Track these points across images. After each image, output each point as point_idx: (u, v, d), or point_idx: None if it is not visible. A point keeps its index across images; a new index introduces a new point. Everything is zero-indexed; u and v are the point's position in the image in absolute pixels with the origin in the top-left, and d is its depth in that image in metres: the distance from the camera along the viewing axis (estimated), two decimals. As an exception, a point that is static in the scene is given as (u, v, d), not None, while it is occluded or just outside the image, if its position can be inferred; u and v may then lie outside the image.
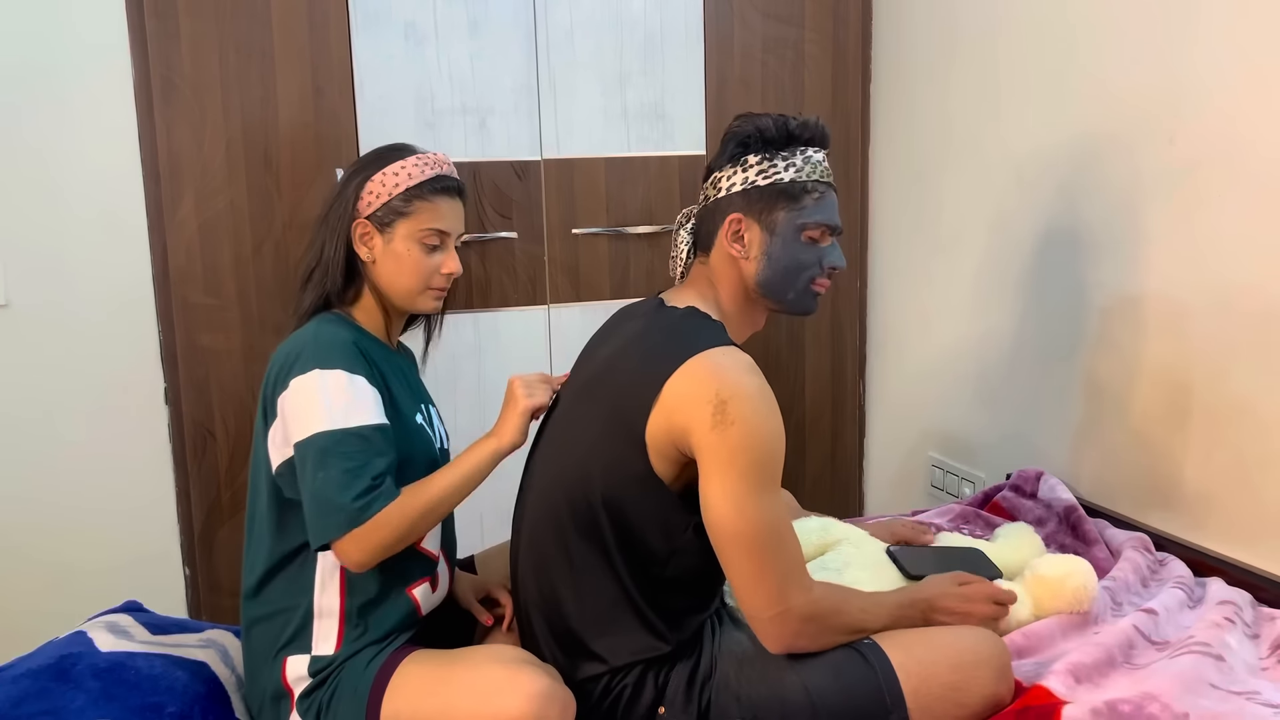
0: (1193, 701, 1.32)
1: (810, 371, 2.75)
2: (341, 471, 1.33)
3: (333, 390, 1.36)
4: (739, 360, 1.33)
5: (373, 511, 1.33)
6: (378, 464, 1.36)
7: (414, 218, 1.48)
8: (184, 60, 2.17)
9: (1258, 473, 1.68)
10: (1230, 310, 1.71)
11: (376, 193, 1.48)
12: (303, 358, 1.38)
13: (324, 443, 1.34)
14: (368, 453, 1.35)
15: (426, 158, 1.51)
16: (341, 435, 1.34)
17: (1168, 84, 1.80)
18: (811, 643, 1.35)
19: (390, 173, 1.49)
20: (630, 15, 2.45)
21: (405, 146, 1.54)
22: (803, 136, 1.45)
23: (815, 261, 1.45)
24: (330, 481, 1.33)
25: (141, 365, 2.25)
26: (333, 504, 1.32)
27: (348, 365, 1.39)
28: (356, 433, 1.35)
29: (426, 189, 1.49)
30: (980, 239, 2.31)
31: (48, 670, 1.37)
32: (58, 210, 2.16)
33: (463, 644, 1.53)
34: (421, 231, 1.48)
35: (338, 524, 1.32)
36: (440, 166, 1.52)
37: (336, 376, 1.37)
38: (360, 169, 1.52)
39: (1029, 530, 1.82)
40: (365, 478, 1.33)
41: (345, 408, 1.36)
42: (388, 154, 1.52)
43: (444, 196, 1.51)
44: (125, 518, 2.27)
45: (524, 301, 2.48)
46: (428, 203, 1.49)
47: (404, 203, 1.48)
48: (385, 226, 1.49)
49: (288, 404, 1.38)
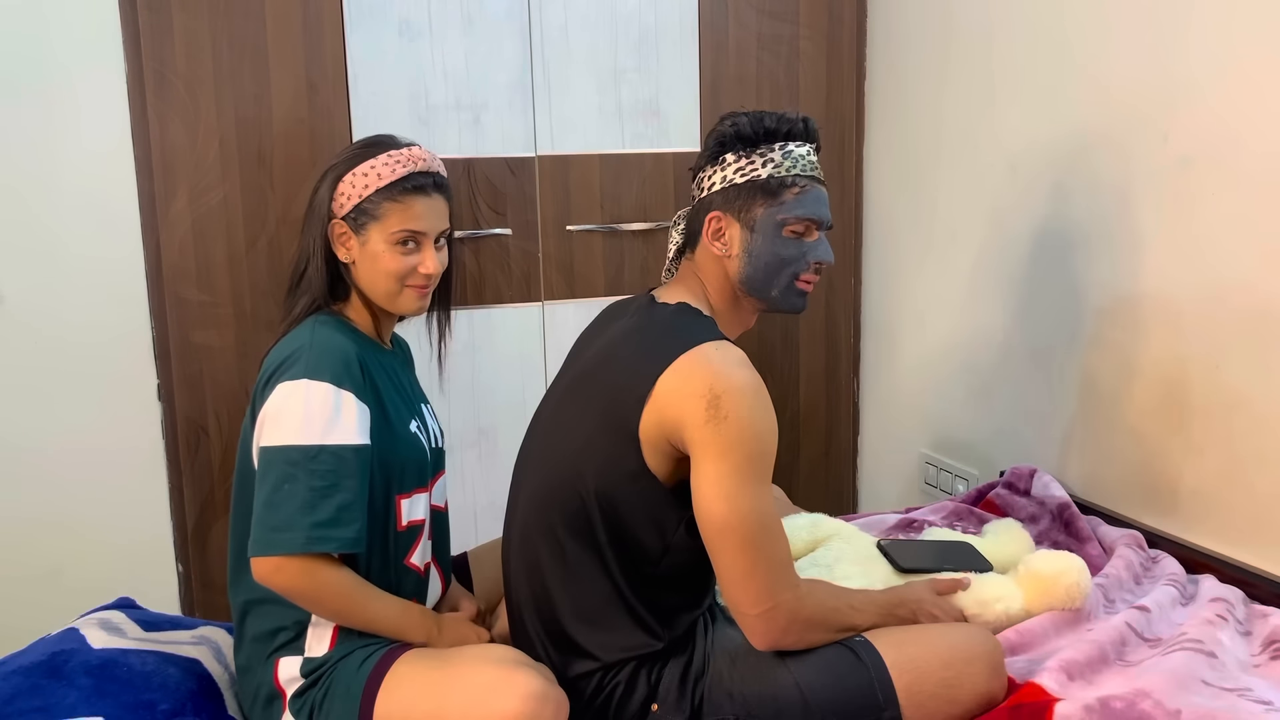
0: (1185, 698, 1.32)
1: (804, 368, 2.75)
2: (308, 489, 1.30)
3: (316, 403, 1.33)
4: (732, 355, 1.33)
5: (322, 548, 1.30)
6: (346, 489, 1.32)
7: (384, 220, 1.43)
8: (177, 55, 2.16)
9: (1250, 470, 1.69)
10: (1223, 307, 1.71)
11: (347, 194, 1.45)
12: (296, 363, 1.36)
13: (295, 456, 1.31)
14: (338, 474, 1.32)
15: (399, 155, 1.45)
16: (316, 452, 1.32)
17: (1161, 81, 1.80)
18: (798, 640, 1.35)
19: (360, 173, 1.44)
20: (625, 11, 2.44)
21: (381, 142, 1.48)
22: (781, 131, 1.45)
23: (798, 256, 1.45)
24: (294, 497, 1.30)
25: (134, 361, 2.24)
26: (290, 520, 1.29)
27: (337, 379, 1.35)
28: (333, 451, 1.32)
29: (396, 189, 1.44)
30: (974, 236, 2.31)
31: (40, 667, 1.36)
32: (50, 205, 2.15)
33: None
34: (393, 233, 1.43)
35: (287, 542, 1.29)
36: (413, 163, 1.45)
37: (324, 390, 1.34)
38: (332, 168, 1.48)
39: (1018, 526, 1.82)
40: (330, 505, 1.30)
41: (325, 424, 1.33)
42: (361, 151, 1.47)
43: (416, 195, 1.45)
44: (118, 514, 2.27)
45: (518, 298, 2.47)
46: (398, 203, 1.44)
47: (373, 204, 1.43)
48: (359, 228, 1.45)
49: (269, 407, 1.35)
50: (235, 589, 1.45)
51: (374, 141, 1.49)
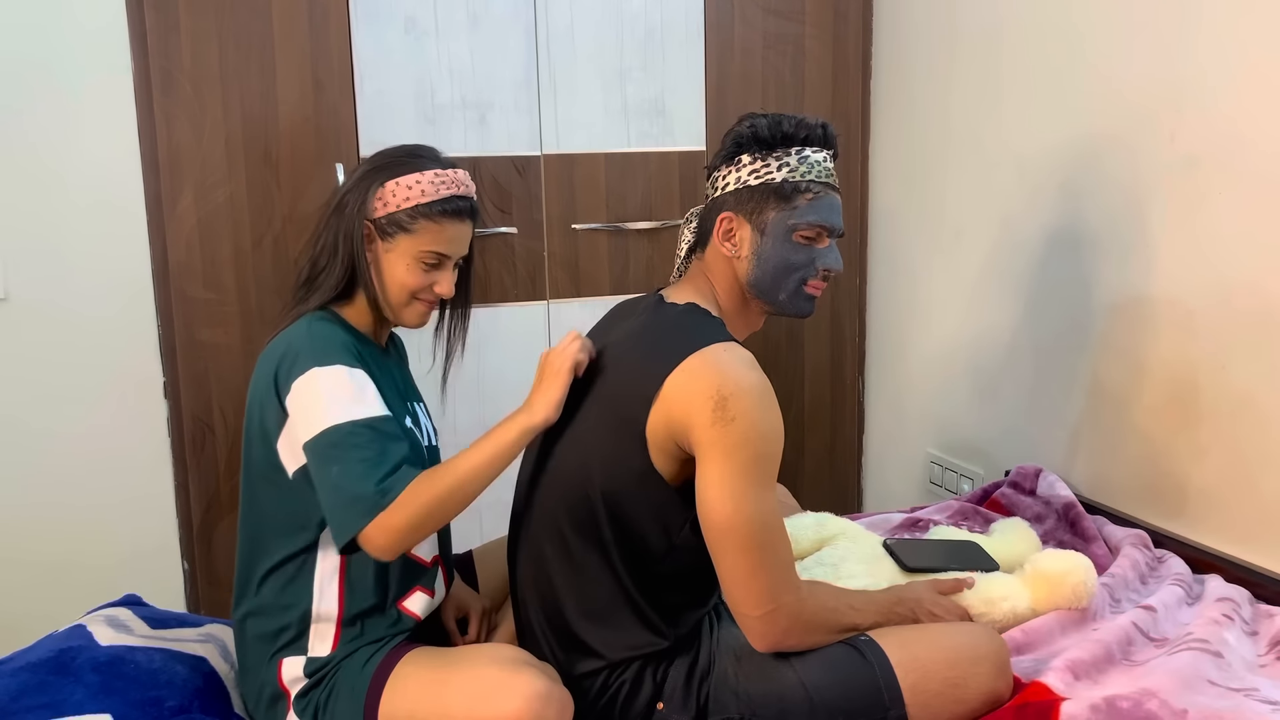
0: (1191, 698, 1.32)
1: (810, 367, 2.75)
2: (358, 461, 1.30)
3: (336, 385, 1.34)
4: (740, 356, 1.33)
5: (395, 494, 1.29)
6: (395, 450, 1.32)
7: (417, 236, 1.44)
8: (184, 54, 2.16)
9: (1257, 470, 1.68)
10: (1230, 307, 1.71)
11: (386, 200, 1.44)
12: (300, 358, 1.36)
13: (334, 437, 1.31)
14: (382, 440, 1.32)
15: (445, 176, 1.45)
16: (351, 427, 1.32)
17: (1168, 81, 1.79)
18: (799, 642, 1.35)
19: (405, 184, 1.43)
20: (631, 10, 2.44)
21: (427, 154, 1.48)
22: (799, 136, 1.44)
23: (808, 262, 1.45)
24: (348, 473, 1.29)
25: (140, 359, 2.25)
26: (353, 494, 1.29)
27: (346, 360, 1.36)
28: (367, 424, 1.33)
29: (435, 209, 1.43)
30: (980, 236, 2.31)
31: (47, 663, 1.37)
32: (57, 204, 2.15)
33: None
34: (421, 251, 1.44)
35: (360, 513, 1.28)
36: (456, 187, 1.45)
37: (337, 372, 1.35)
38: (379, 169, 1.46)
39: (1024, 525, 1.82)
40: (385, 464, 1.30)
41: (351, 400, 1.33)
42: (408, 161, 1.46)
43: (452, 219, 1.45)
44: (124, 512, 2.27)
45: (524, 297, 2.47)
46: (434, 224, 1.44)
47: (410, 218, 1.43)
48: (387, 236, 1.44)
49: (294, 407, 1.35)
50: (241, 589, 1.45)
51: (419, 153, 1.48)
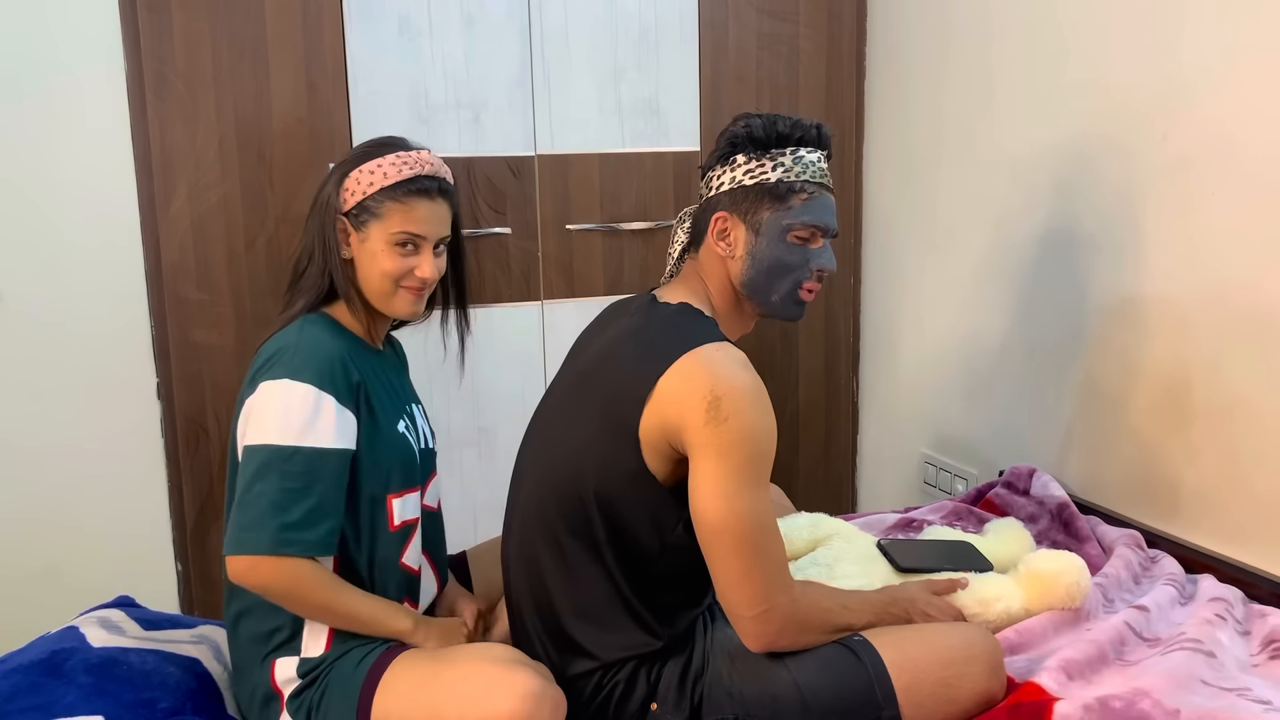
0: (1184, 698, 1.32)
1: (804, 367, 2.75)
2: (280, 490, 1.31)
3: (296, 404, 1.34)
4: (733, 356, 1.33)
5: (289, 551, 1.30)
6: (317, 493, 1.33)
7: (385, 220, 1.44)
8: (177, 54, 2.16)
9: (1250, 470, 1.69)
10: (1223, 307, 1.72)
11: (352, 190, 1.45)
12: (280, 363, 1.36)
13: (270, 456, 1.32)
14: (311, 476, 1.33)
15: (407, 156, 1.46)
16: (290, 453, 1.32)
17: (1160, 82, 1.80)
18: (793, 642, 1.35)
19: (366, 170, 1.45)
20: (625, 10, 2.44)
21: (391, 142, 1.49)
22: (794, 136, 1.45)
23: (802, 263, 1.45)
24: (265, 497, 1.31)
25: (134, 360, 2.24)
26: (259, 520, 1.30)
27: (320, 381, 1.36)
28: (307, 453, 1.33)
29: (400, 190, 1.44)
30: (974, 236, 2.31)
31: (40, 665, 1.36)
32: (50, 204, 2.14)
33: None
34: (393, 234, 1.44)
35: (249, 543, 1.30)
36: (421, 166, 1.46)
37: (304, 391, 1.34)
38: (343, 163, 1.48)
39: (1019, 525, 1.82)
40: (300, 508, 1.31)
41: (303, 425, 1.33)
42: (371, 150, 1.48)
43: (420, 198, 1.45)
44: (117, 513, 2.27)
45: (518, 297, 2.47)
46: (400, 204, 1.44)
47: (376, 203, 1.44)
48: (360, 225, 1.45)
49: (252, 405, 1.36)
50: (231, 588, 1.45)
51: (384, 141, 1.49)
